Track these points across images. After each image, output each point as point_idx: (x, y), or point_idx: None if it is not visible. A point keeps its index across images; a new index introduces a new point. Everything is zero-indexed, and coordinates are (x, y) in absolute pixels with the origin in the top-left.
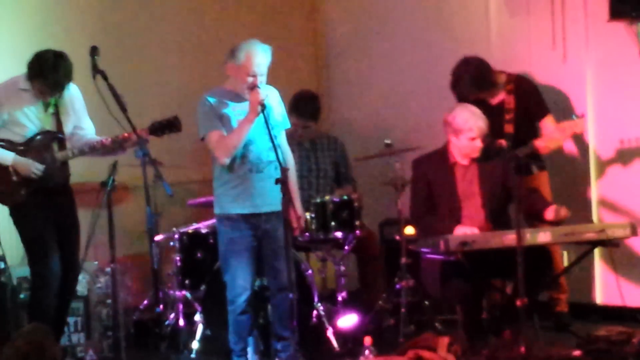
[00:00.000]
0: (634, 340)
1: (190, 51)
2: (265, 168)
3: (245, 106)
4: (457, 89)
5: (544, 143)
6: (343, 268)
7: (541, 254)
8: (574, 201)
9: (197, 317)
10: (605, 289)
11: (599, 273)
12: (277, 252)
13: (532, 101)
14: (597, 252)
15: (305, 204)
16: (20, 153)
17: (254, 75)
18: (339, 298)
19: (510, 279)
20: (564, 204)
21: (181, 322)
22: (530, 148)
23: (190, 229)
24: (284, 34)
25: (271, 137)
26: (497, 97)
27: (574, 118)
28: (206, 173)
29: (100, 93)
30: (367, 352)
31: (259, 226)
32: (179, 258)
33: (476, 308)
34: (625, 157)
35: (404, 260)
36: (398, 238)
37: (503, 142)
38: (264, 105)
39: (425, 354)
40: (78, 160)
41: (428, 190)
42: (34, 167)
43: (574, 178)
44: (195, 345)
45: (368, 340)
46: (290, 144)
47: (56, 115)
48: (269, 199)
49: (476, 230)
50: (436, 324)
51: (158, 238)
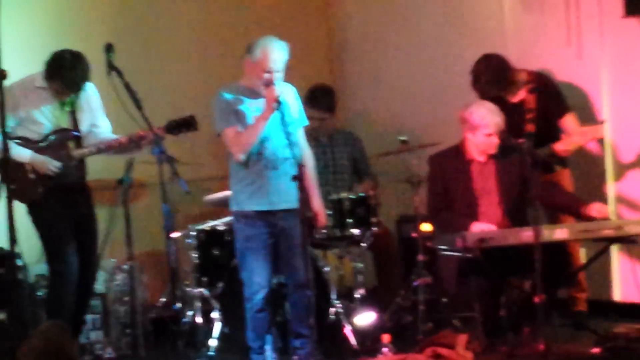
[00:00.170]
0: None
1: (206, 48)
2: (281, 165)
3: (261, 103)
4: (477, 86)
5: (563, 147)
6: (360, 265)
7: (559, 250)
8: (591, 198)
9: (215, 315)
10: (624, 286)
11: (617, 270)
12: (294, 250)
13: (553, 99)
14: (615, 249)
15: (322, 200)
16: (37, 151)
17: (269, 72)
18: (357, 295)
19: (528, 276)
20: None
21: (199, 320)
22: (549, 151)
23: (207, 226)
24: (298, 31)
25: (287, 134)
26: (517, 95)
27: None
28: (222, 170)
29: (116, 90)
30: (385, 350)
31: (276, 224)
32: (196, 255)
33: (494, 305)
34: None
35: (421, 257)
36: (415, 235)
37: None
38: (279, 102)
39: (443, 351)
40: (95, 157)
41: (444, 186)
42: (51, 165)
43: (591, 175)
44: (213, 342)
45: (386, 337)
46: (306, 139)
47: (73, 113)
48: (285, 196)
49: (493, 227)
50: (454, 322)
51: (175, 235)
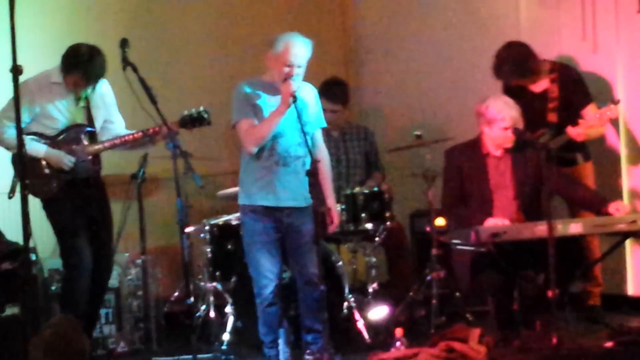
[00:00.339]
0: None
1: (221, 44)
2: (292, 163)
3: (279, 99)
4: (499, 73)
5: (579, 130)
6: (374, 259)
7: (572, 245)
8: (605, 192)
9: (228, 309)
10: (638, 280)
11: (630, 264)
12: (302, 247)
13: (576, 89)
14: (629, 244)
15: (335, 195)
16: (51, 146)
17: (290, 66)
18: (370, 289)
19: (542, 271)
20: None
21: (212, 314)
22: (566, 137)
23: (221, 220)
24: (314, 26)
25: (303, 131)
26: (539, 85)
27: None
28: (236, 165)
29: (131, 86)
30: (398, 344)
31: (282, 220)
32: (209, 250)
33: (507, 299)
34: None
35: (434, 251)
36: (428, 229)
37: (538, 133)
38: (295, 97)
39: (456, 345)
40: (109, 152)
41: (460, 180)
42: (66, 159)
43: (605, 168)
44: (226, 337)
45: (399, 331)
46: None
47: (87, 109)
48: (293, 194)
49: (507, 222)
50: (467, 316)
51: (188, 230)
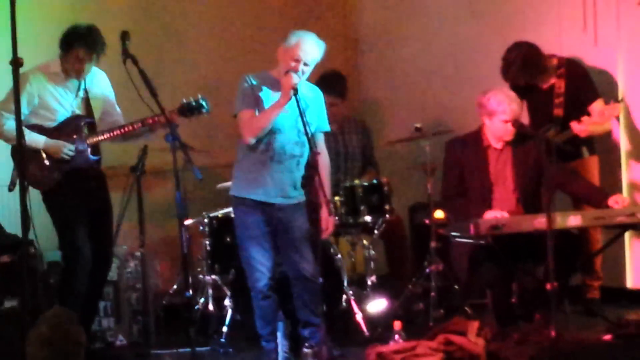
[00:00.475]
0: None
1: (222, 38)
2: (286, 161)
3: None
4: (508, 74)
5: (582, 127)
6: (372, 252)
7: (571, 237)
8: (605, 184)
9: (227, 302)
10: (637, 273)
11: (629, 257)
12: (294, 244)
13: (583, 85)
14: (628, 236)
15: (334, 187)
16: (51, 137)
17: (297, 60)
18: (369, 282)
19: (541, 263)
20: None
21: (211, 307)
22: (570, 132)
23: (220, 213)
24: (314, 20)
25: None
26: (548, 82)
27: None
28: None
29: (131, 78)
30: (397, 337)
31: (272, 214)
32: (208, 242)
33: (506, 292)
34: None
35: (433, 244)
36: (428, 222)
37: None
38: (296, 90)
39: (455, 338)
40: (108, 145)
41: (460, 172)
42: (65, 148)
43: (605, 161)
44: (224, 329)
45: (397, 324)
46: None
47: (86, 100)
48: (282, 192)
49: (506, 215)
50: (466, 308)
51: (188, 222)
